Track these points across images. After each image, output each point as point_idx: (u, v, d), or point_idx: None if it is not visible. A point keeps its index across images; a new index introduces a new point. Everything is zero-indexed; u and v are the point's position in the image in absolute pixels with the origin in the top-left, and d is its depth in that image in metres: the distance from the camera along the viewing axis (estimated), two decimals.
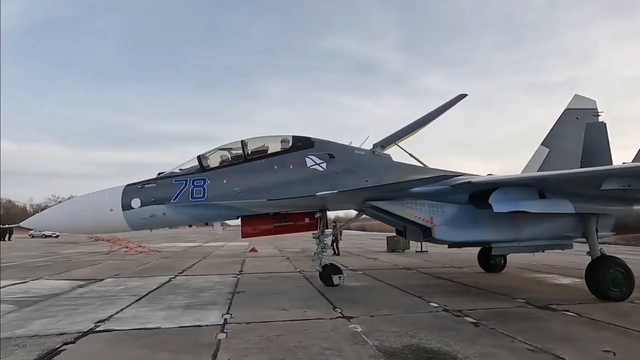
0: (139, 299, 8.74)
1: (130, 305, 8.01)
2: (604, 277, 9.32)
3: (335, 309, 8.00)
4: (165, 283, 11.54)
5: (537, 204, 8.97)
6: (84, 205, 8.37)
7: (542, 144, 14.91)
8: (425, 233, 9.59)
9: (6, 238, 50.35)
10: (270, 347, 5.49)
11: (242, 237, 10.04)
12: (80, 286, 10.64)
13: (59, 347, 5.35)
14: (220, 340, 5.61)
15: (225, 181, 8.75)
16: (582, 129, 14.69)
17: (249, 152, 9.20)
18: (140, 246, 26.31)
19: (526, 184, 9.30)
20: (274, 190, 8.78)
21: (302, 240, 34.70)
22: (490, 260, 14.35)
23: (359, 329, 6.61)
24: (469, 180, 9.62)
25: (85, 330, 6.06)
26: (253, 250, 25.75)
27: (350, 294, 9.65)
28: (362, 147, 10.71)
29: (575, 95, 15.09)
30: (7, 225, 49.66)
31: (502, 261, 14.66)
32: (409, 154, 11.26)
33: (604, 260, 9.76)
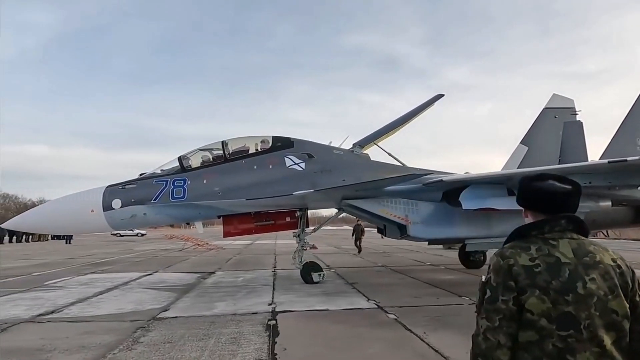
0: (273, 288, 9.51)
1: (274, 293, 8.74)
2: None
3: (462, 297, 8.36)
4: (274, 275, 12.36)
5: (504, 201, 9.08)
6: (65, 206, 8.53)
7: (521, 142, 14.53)
8: (402, 230, 9.69)
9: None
10: (450, 323, 6.06)
11: (224, 237, 10.15)
12: (203, 277, 11.50)
13: (269, 321, 6.13)
14: (395, 319, 6.20)
15: (205, 181, 8.84)
16: (560, 127, 14.23)
17: (229, 152, 9.25)
18: (207, 243, 27.79)
19: (496, 182, 9.39)
20: (253, 189, 8.90)
21: (349, 238, 35.10)
22: (470, 256, 14.05)
23: None
24: (441, 178, 9.30)
25: (270, 311, 6.89)
26: (313, 247, 26.58)
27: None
28: (342, 146, 10.47)
29: (554, 94, 14.24)
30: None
31: (482, 257, 14.34)
32: (388, 153, 10.73)
33: None
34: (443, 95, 12.35)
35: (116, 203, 8.50)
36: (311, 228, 11.42)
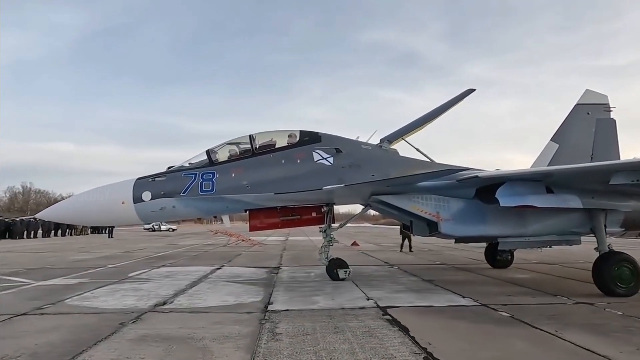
0: (357, 284, 9.63)
1: (360, 288, 8.88)
2: (611, 273, 8.64)
3: (556, 296, 8.18)
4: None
5: (544, 198, 8.75)
6: (97, 198, 8.64)
7: (551, 140, 13.82)
8: (431, 227, 9.54)
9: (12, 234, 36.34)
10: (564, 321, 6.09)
11: (250, 231, 10.20)
12: (273, 272, 11.79)
13: (384, 316, 6.26)
14: (511, 317, 6.23)
15: (233, 175, 8.87)
16: (592, 124, 13.47)
17: (257, 146, 9.27)
18: (249, 239, 28.33)
19: (533, 179, 9.06)
20: (282, 184, 8.91)
21: (388, 237, 34.91)
22: (497, 255, 13.54)
23: (620, 312, 6.76)
24: (476, 174, 9.06)
25: (375, 306, 6.96)
26: (355, 244, 26.74)
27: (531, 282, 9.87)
28: (370, 141, 10.30)
29: (587, 90, 13.51)
30: (26, 217, 37.97)
31: (509, 257, 13.80)
32: (416, 148, 10.42)
33: (611, 256, 9.00)
34: (474, 90, 11.72)
35: (146, 195, 8.59)
36: (337, 224, 11.23)
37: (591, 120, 13.48)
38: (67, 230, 44.89)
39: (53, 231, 42.95)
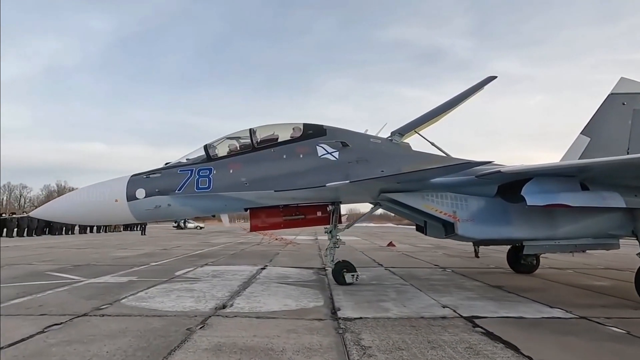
0: (419, 289, 8.96)
1: (426, 294, 8.21)
2: None
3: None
4: (394, 274, 11.88)
5: (579, 196, 7.68)
6: (90, 196, 8.19)
7: (582, 133, 12.20)
8: (447, 229, 8.70)
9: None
10: None
11: (251, 231, 9.49)
12: (320, 274, 11.23)
13: (475, 328, 5.57)
14: (627, 333, 5.41)
15: (231, 171, 8.27)
16: (629, 115, 11.75)
17: (258, 140, 8.66)
18: (282, 238, 28.11)
19: (565, 174, 7.99)
20: (282, 180, 8.27)
21: (419, 238, 33.90)
22: (521, 260, 12.13)
23: None
24: (498, 169, 8.09)
25: (458, 316, 6.33)
26: (391, 244, 26.00)
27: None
28: (379, 135, 9.46)
29: (622, 78, 12.22)
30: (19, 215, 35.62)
31: (535, 261, 12.31)
32: (431, 142, 9.53)
33: None
34: (495, 77, 10.64)
35: (140, 193, 8.08)
36: (343, 225, 10.38)
37: (627, 111, 12.02)
38: (102, 226, 45.92)
39: (88, 227, 44.03)
